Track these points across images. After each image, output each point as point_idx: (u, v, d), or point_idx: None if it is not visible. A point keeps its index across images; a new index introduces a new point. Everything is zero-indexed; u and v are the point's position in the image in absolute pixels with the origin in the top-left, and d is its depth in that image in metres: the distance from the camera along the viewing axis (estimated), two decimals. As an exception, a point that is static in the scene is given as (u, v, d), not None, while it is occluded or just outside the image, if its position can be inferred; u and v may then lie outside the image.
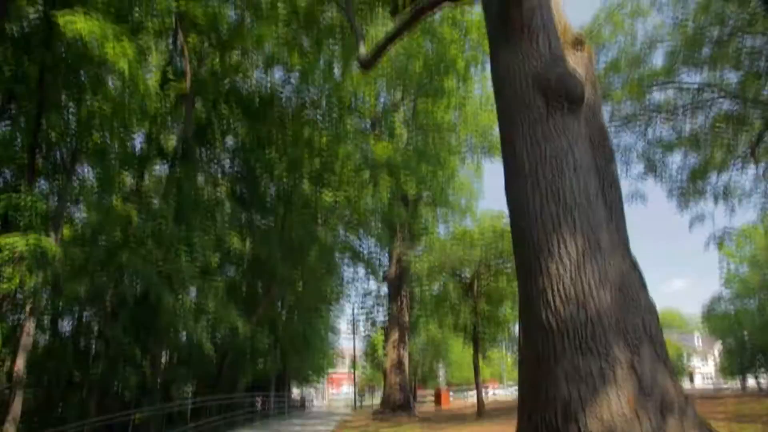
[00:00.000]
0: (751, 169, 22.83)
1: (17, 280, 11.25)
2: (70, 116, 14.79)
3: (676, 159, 23.79)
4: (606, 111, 22.00)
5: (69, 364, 15.65)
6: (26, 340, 12.80)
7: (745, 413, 12.74)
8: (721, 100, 21.16)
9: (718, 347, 60.07)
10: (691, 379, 72.09)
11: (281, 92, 24.23)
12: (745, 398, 17.20)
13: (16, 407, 12.32)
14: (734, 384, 56.14)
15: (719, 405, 14.94)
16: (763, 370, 48.51)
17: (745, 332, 45.93)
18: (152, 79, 17.14)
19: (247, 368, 26.00)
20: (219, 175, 25.00)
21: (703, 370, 77.46)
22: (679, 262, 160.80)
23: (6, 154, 13.89)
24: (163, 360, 20.19)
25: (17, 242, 10.93)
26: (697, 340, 79.34)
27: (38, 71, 12.95)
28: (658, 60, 27.60)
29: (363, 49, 12.88)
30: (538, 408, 5.94)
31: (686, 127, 22.47)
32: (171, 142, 22.24)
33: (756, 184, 23.38)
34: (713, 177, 23.61)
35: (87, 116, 13.93)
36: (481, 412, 22.42)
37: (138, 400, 16.52)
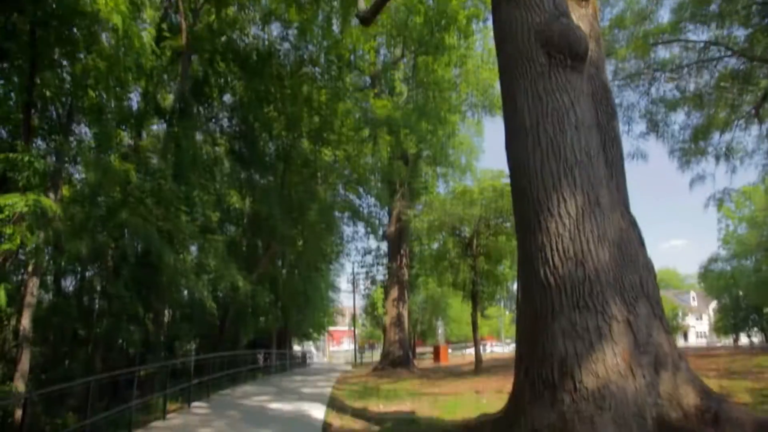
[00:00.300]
0: (755, 129, 22.66)
1: (18, 240, 11.27)
2: (65, 74, 14.57)
3: (679, 118, 23.59)
4: (609, 68, 21.68)
5: (74, 321, 15.86)
6: (30, 299, 12.95)
7: (736, 369, 12.98)
8: (727, 57, 20.80)
9: (712, 306, 60.99)
10: (685, 337, 73.45)
11: (279, 48, 23.80)
12: (737, 355, 17.51)
13: (24, 363, 12.57)
14: (727, 341, 57.23)
15: (712, 361, 15.22)
16: (755, 328, 49.37)
17: (740, 291, 46.47)
18: (147, 35, 16.80)
19: (248, 325, 26.37)
20: (217, 133, 24.81)
21: (698, 328, 78.84)
22: (677, 222, 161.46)
23: (1, 111, 13.72)
24: (166, 317, 20.47)
25: (16, 202, 10.89)
26: (693, 299, 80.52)
27: (30, 27, 12.66)
28: (664, 16, 27.08)
29: (362, 4, 12.60)
30: (535, 363, 6.04)
31: (690, 86, 22.18)
32: (168, 99, 21.99)
33: (759, 143, 23.25)
34: (716, 136, 23.42)
35: (81, 73, 13.71)
36: (479, 367, 22.83)
37: (142, 355, 16.80)
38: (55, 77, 14.13)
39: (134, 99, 20.92)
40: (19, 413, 11.34)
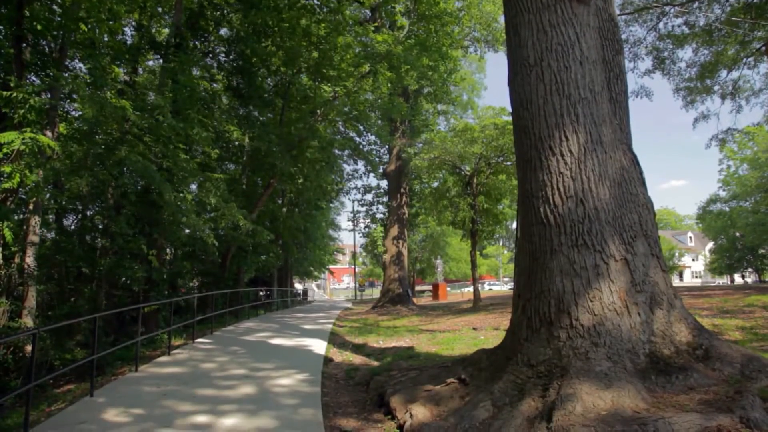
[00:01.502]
0: (763, 66, 22.22)
1: (18, 178, 11.21)
2: (54, 5, 14.08)
3: (686, 55, 23.22)
4: (617, 0, 20.98)
5: (77, 259, 16.00)
6: (33, 237, 13.04)
7: (728, 308, 13.17)
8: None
9: (709, 247, 61.66)
10: (681, 276, 74.66)
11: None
12: (730, 294, 17.76)
13: (31, 300, 12.80)
14: (722, 280, 58.20)
15: (705, 300, 15.44)
16: (750, 268, 50.10)
17: (738, 232, 46.84)
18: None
19: (249, 263, 26.67)
20: (215, 68, 24.27)
21: (694, 268, 80.00)
22: (678, 163, 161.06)
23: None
24: (168, 255, 20.65)
25: (13, 139, 10.75)
26: (690, 240, 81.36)
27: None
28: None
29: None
30: (533, 300, 6.13)
31: (700, 21, 21.53)
32: (163, 33, 21.36)
33: (767, 81, 22.82)
34: (723, 74, 22.97)
35: (71, 5, 13.25)
36: (477, 304, 23.19)
37: (146, 293, 17.08)
38: (45, 9, 13.67)
39: (128, 33, 20.38)
40: (29, 348, 11.65)
